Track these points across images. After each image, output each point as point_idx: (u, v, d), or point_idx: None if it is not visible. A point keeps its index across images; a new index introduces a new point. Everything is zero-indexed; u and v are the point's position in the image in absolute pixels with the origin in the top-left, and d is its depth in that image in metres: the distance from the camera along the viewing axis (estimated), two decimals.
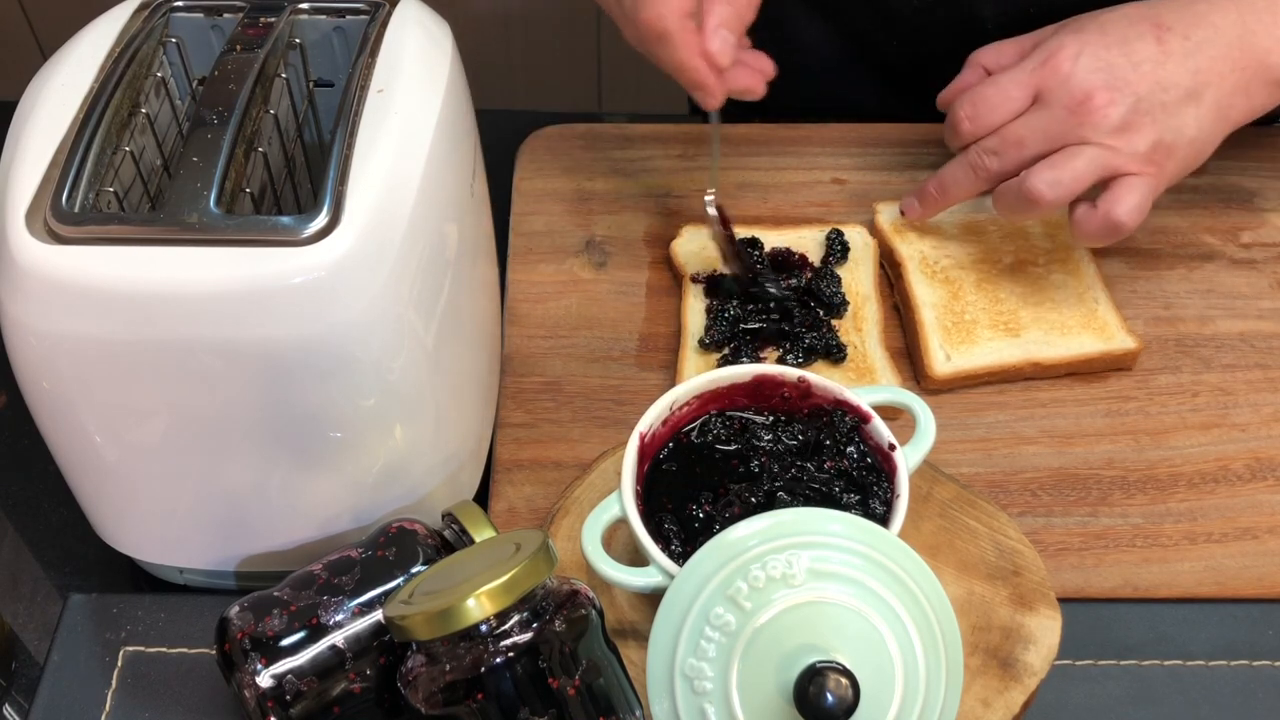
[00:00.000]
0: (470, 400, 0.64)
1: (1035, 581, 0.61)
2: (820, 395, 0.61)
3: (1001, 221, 0.79)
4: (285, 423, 0.53)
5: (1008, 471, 0.69)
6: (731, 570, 0.51)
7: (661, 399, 0.60)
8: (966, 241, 0.78)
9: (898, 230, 0.78)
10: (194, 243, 0.50)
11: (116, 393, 0.52)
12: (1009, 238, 0.78)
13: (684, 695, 0.50)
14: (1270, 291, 0.78)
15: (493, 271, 0.70)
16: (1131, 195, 0.69)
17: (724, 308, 0.73)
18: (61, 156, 0.53)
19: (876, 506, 0.58)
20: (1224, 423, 0.71)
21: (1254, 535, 0.66)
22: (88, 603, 0.62)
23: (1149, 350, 0.74)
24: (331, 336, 0.51)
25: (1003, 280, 0.76)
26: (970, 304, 0.75)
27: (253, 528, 0.59)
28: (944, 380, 0.72)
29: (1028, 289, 0.76)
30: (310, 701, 0.52)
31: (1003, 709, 0.57)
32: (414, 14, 0.62)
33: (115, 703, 0.58)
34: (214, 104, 0.55)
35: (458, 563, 0.53)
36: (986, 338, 0.73)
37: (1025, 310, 0.74)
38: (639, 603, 0.61)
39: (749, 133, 0.87)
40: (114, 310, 0.50)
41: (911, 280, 0.76)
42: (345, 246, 0.51)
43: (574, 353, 0.74)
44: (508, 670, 0.48)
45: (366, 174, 0.53)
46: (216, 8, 0.61)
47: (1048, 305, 0.75)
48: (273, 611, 0.53)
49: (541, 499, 0.67)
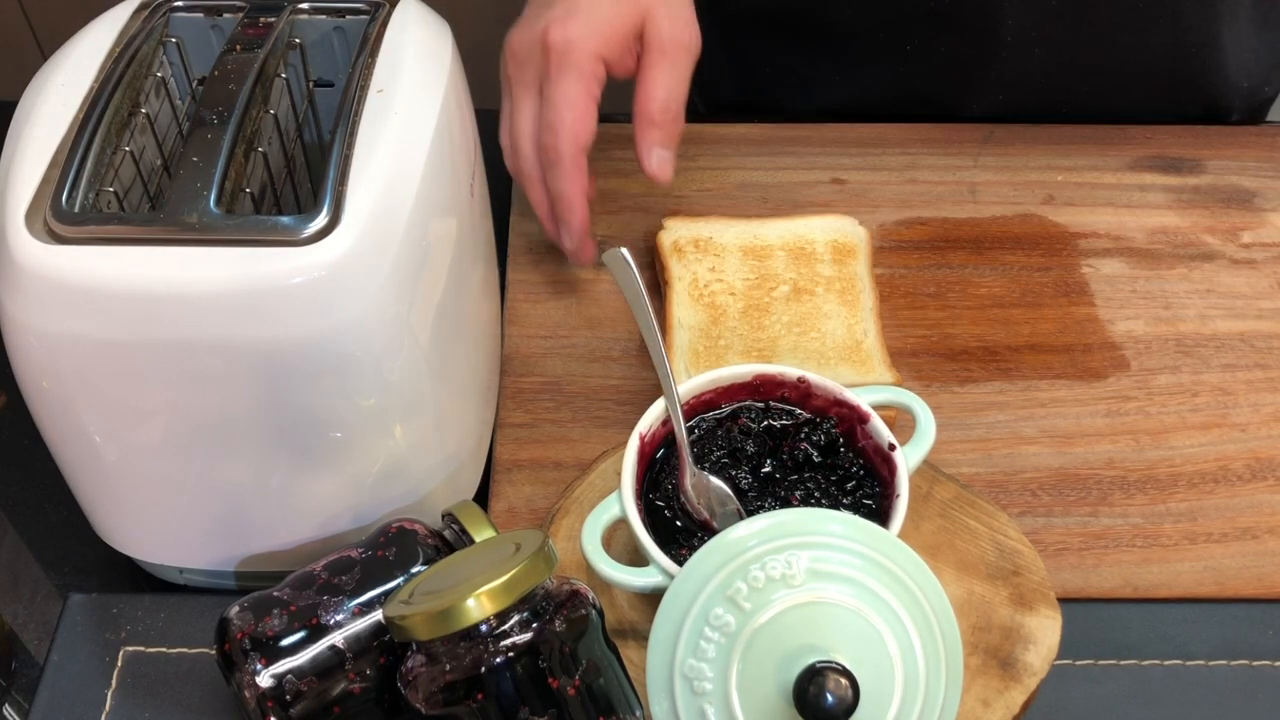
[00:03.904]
0: (470, 400, 0.64)
1: (1035, 581, 0.61)
2: (820, 395, 0.61)
3: (790, 244, 0.77)
4: (285, 423, 0.53)
5: (1008, 471, 0.69)
6: (731, 570, 0.51)
7: (661, 399, 0.60)
8: (746, 265, 0.76)
9: (677, 249, 0.76)
10: (194, 243, 0.50)
11: (116, 393, 0.52)
12: (795, 262, 0.76)
13: (684, 695, 0.50)
14: (1270, 291, 0.78)
15: (493, 271, 0.70)
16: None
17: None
18: (61, 156, 0.53)
19: (876, 506, 0.59)
20: (1224, 423, 0.71)
21: (1254, 535, 0.66)
22: (88, 603, 0.62)
23: (1149, 350, 0.74)
24: (331, 336, 0.51)
25: (773, 307, 0.73)
26: (729, 330, 0.72)
27: (253, 528, 0.59)
28: None
29: (796, 317, 0.73)
30: (310, 701, 0.52)
31: (1003, 709, 0.57)
32: (414, 14, 0.62)
33: (115, 703, 0.58)
34: (214, 104, 0.55)
35: (458, 563, 0.53)
36: (735, 364, 0.68)
37: (787, 338, 0.72)
38: (639, 603, 0.61)
39: (749, 133, 0.87)
40: (114, 310, 0.50)
41: (674, 302, 0.73)
42: (345, 246, 0.51)
43: (574, 353, 0.74)
44: (508, 670, 0.48)
45: (366, 174, 0.53)
46: (216, 8, 0.61)
47: (812, 335, 0.72)
48: (273, 611, 0.53)
49: (541, 499, 0.67)
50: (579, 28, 0.68)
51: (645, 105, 0.70)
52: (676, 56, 0.70)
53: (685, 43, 0.70)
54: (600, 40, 0.68)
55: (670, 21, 0.70)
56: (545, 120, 0.69)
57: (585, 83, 0.68)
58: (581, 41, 0.68)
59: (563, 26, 0.68)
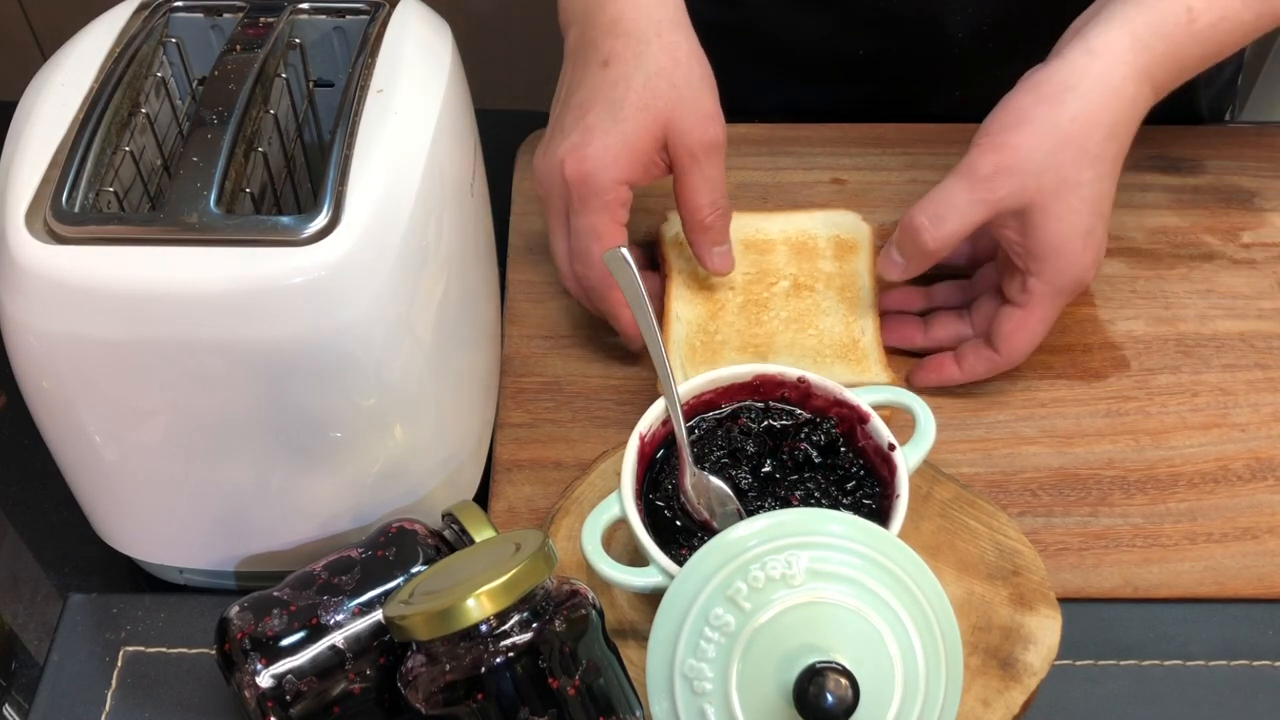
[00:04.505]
0: (470, 400, 0.64)
1: (1035, 581, 0.61)
2: (820, 395, 0.61)
3: (792, 238, 0.76)
4: (285, 423, 0.53)
5: (1008, 471, 0.69)
6: (731, 570, 0.51)
7: (661, 399, 0.60)
8: (746, 258, 0.75)
9: (678, 242, 0.75)
10: (194, 243, 0.50)
11: (116, 393, 0.52)
12: (796, 257, 0.75)
13: (684, 695, 0.50)
14: (1270, 291, 0.78)
15: (493, 271, 0.70)
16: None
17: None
18: (61, 156, 0.53)
19: (876, 506, 0.59)
20: (1224, 423, 0.71)
21: (1254, 535, 0.66)
22: (88, 603, 0.62)
23: (1149, 350, 0.74)
24: (331, 336, 0.51)
25: (772, 303, 0.73)
26: (726, 325, 0.71)
27: (253, 528, 0.59)
28: None
29: (795, 314, 0.72)
30: (310, 701, 0.52)
31: (1003, 709, 0.57)
32: (414, 14, 0.62)
33: (115, 703, 0.58)
34: (214, 104, 0.55)
35: (458, 563, 0.53)
36: (730, 360, 0.69)
37: (785, 334, 0.71)
38: (639, 603, 0.61)
39: (749, 133, 0.87)
40: (114, 310, 0.50)
41: (673, 295, 0.73)
42: (345, 246, 0.51)
43: (574, 353, 0.74)
44: (508, 670, 0.48)
45: (366, 174, 0.53)
46: (216, 8, 0.61)
47: (810, 332, 0.71)
48: (273, 611, 0.53)
49: (541, 499, 0.67)
50: (595, 158, 0.65)
51: (694, 215, 0.69)
52: (710, 158, 0.67)
53: (712, 141, 0.67)
54: (619, 168, 0.65)
55: (693, 125, 0.66)
56: (575, 251, 0.68)
57: (609, 212, 0.66)
58: (599, 173, 0.65)
59: (578, 158, 0.65)
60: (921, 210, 0.67)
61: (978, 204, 0.65)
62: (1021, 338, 0.68)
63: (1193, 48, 0.66)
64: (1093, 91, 0.64)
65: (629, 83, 0.66)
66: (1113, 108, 0.65)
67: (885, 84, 0.90)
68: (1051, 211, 0.65)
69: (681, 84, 0.66)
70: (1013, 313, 0.68)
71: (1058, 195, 0.65)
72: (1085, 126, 0.64)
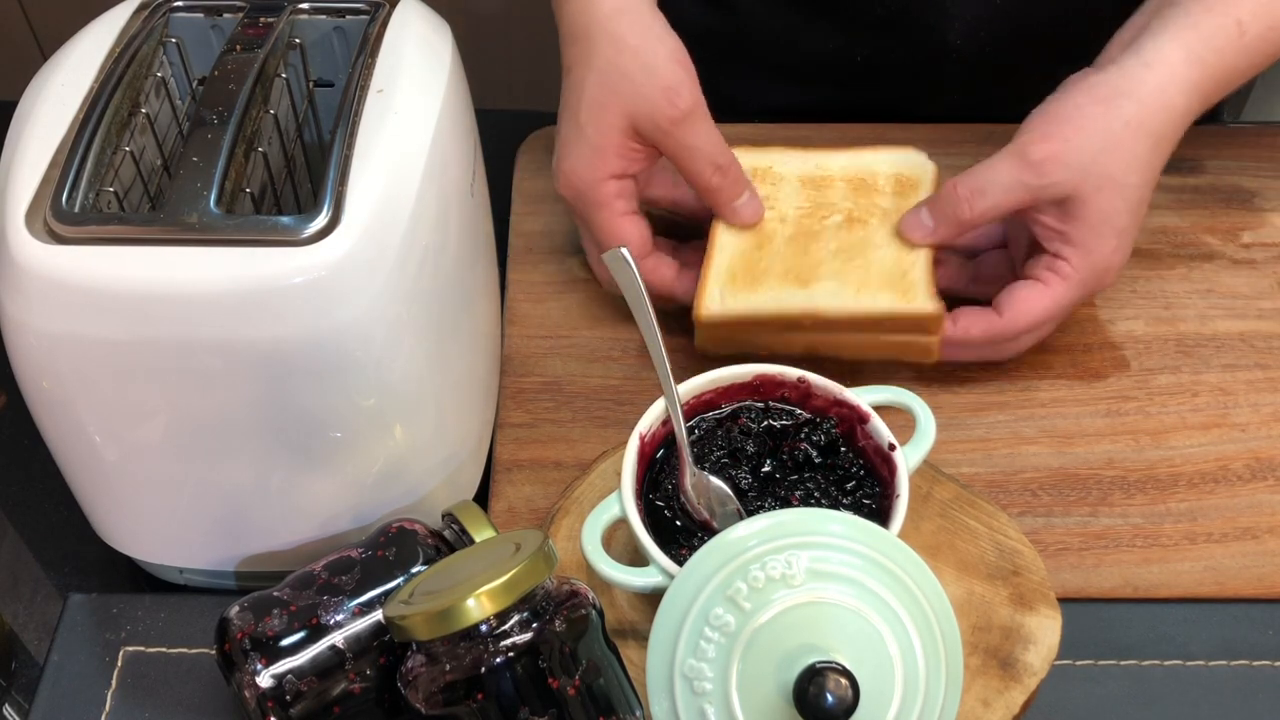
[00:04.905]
0: (470, 400, 0.64)
1: (1035, 581, 0.61)
2: (820, 395, 0.61)
3: (851, 174, 0.74)
4: (285, 423, 0.53)
5: (1008, 471, 0.69)
6: (731, 570, 0.51)
7: (661, 399, 0.60)
8: (802, 193, 0.74)
9: None
10: (194, 243, 0.50)
11: (116, 393, 0.52)
12: (854, 193, 0.74)
13: (684, 695, 0.50)
14: (1270, 291, 0.78)
15: (493, 271, 0.70)
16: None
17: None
18: (61, 156, 0.53)
19: (876, 506, 0.59)
20: (1224, 423, 0.71)
21: (1254, 535, 0.66)
22: (88, 603, 0.62)
23: (1149, 350, 0.74)
24: (331, 336, 0.51)
25: (823, 235, 0.71)
26: (772, 253, 0.70)
27: (253, 528, 0.59)
28: (712, 325, 0.68)
29: (844, 245, 0.71)
30: (310, 701, 0.52)
31: (1003, 709, 0.57)
32: (414, 14, 0.62)
33: (115, 703, 0.58)
34: (214, 104, 0.55)
35: (458, 563, 0.53)
36: (771, 287, 0.68)
37: (832, 264, 0.70)
38: (639, 603, 0.61)
39: (749, 133, 0.87)
40: (114, 310, 0.50)
41: (719, 226, 0.71)
42: (345, 246, 0.51)
43: (574, 353, 0.74)
44: (508, 670, 0.48)
45: (366, 174, 0.53)
46: (216, 8, 0.61)
47: (858, 262, 0.70)
48: (273, 611, 0.53)
49: (541, 499, 0.67)
50: (571, 170, 0.68)
51: (695, 181, 0.69)
52: (682, 129, 0.67)
53: (680, 113, 0.66)
54: (594, 170, 0.68)
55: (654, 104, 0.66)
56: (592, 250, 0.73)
57: (609, 210, 0.69)
58: (579, 183, 0.68)
59: (561, 174, 0.69)
60: (964, 181, 0.68)
61: (1022, 186, 0.66)
62: (1029, 308, 0.68)
63: (1241, 60, 0.67)
64: (1148, 100, 0.66)
65: (582, 86, 0.68)
66: (1162, 119, 0.66)
67: (882, 89, 0.90)
68: (1094, 204, 0.66)
69: (633, 69, 0.67)
70: (1031, 284, 0.68)
71: (1102, 191, 0.65)
72: (1136, 133, 0.65)
